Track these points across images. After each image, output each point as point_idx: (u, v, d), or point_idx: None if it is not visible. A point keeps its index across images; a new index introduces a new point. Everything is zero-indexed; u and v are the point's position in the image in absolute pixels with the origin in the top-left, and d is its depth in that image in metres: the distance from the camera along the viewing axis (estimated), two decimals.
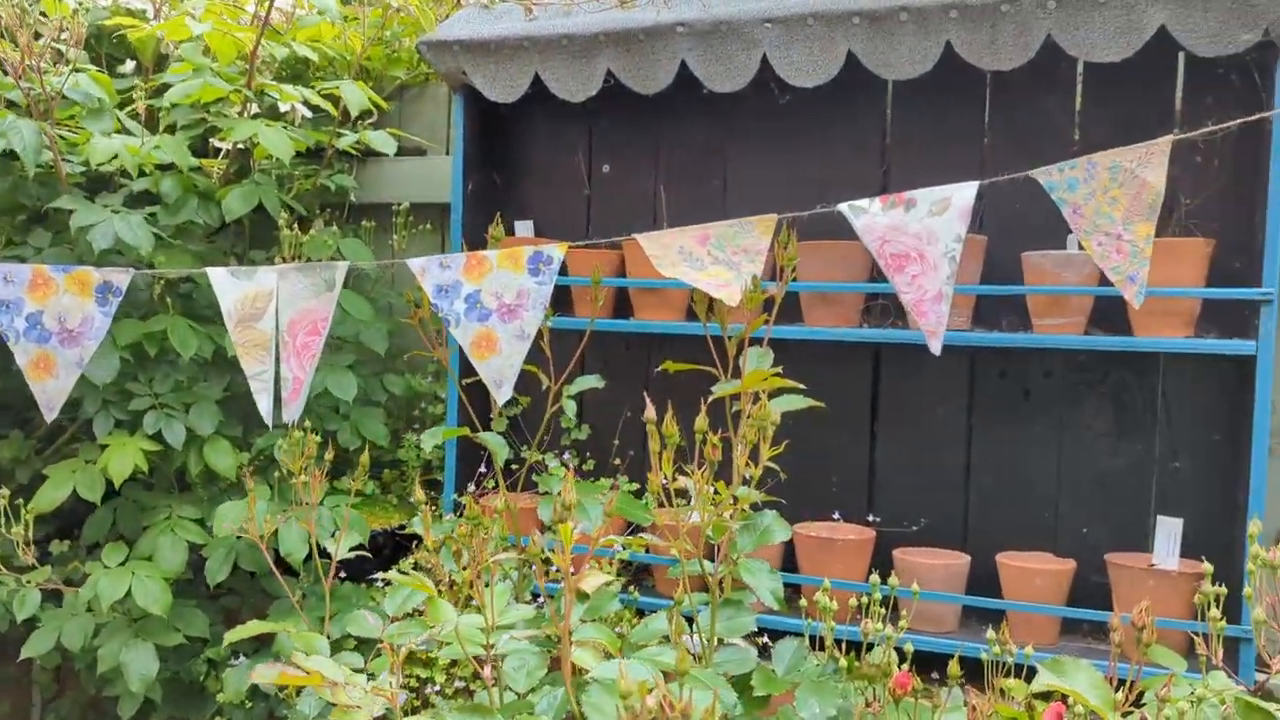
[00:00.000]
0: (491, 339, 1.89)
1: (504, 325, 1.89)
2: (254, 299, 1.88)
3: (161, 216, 2.44)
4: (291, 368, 1.90)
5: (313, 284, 1.91)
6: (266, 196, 2.48)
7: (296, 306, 1.91)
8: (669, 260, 1.88)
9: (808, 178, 2.45)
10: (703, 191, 2.58)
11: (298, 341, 1.90)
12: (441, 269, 1.90)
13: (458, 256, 1.90)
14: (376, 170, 3.04)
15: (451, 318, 1.89)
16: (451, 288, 1.90)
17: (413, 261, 1.90)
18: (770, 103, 2.49)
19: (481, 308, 1.89)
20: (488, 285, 1.89)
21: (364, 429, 2.67)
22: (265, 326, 1.88)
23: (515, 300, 1.89)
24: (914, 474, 2.38)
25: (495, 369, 1.89)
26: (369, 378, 2.76)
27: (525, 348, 1.89)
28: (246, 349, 1.88)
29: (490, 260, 1.90)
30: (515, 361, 1.89)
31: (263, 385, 1.88)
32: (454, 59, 2.51)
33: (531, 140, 2.77)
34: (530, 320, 1.88)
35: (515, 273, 1.89)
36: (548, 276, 1.89)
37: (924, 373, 2.35)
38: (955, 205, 1.88)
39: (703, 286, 1.79)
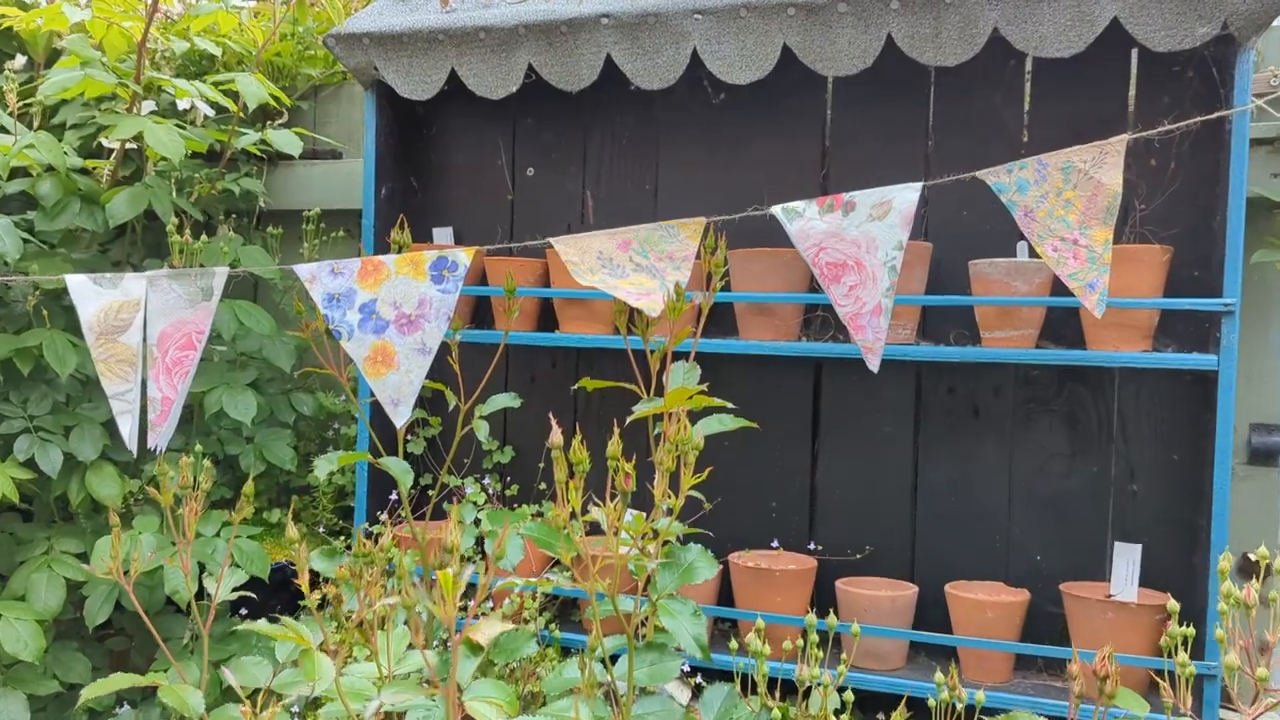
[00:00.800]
0: (388, 353, 1.70)
1: (403, 338, 1.70)
2: (118, 310, 1.68)
3: (39, 221, 2.23)
4: (160, 386, 1.69)
5: (187, 292, 1.71)
6: (157, 200, 2.27)
7: (168, 318, 1.71)
8: (587, 267, 1.71)
9: (743, 181, 2.30)
10: (633, 195, 2.41)
11: (168, 357, 1.70)
12: (333, 275, 1.72)
13: (351, 262, 1.72)
14: (288, 175, 2.84)
15: (344, 329, 1.70)
16: (344, 296, 1.71)
17: (301, 268, 1.71)
18: (704, 101, 2.34)
19: (378, 318, 1.70)
20: (385, 294, 1.71)
21: (269, 453, 2.46)
22: (130, 340, 1.68)
23: (416, 310, 1.70)
24: (858, 498, 2.23)
25: (392, 387, 1.70)
26: (275, 396, 2.56)
27: (427, 363, 1.71)
28: (108, 366, 1.67)
29: (388, 266, 1.72)
30: (415, 379, 1.71)
31: (126, 406, 1.68)
32: (364, 53, 2.32)
33: (450, 141, 2.59)
34: (432, 332, 1.70)
35: (416, 280, 1.71)
36: (453, 284, 1.71)
37: (868, 389, 2.20)
38: (897, 209, 1.73)
39: (621, 295, 1.62)
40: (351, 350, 1.70)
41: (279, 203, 2.84)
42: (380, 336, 1.70)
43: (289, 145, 2.37)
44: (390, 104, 2.45)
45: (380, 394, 1.71)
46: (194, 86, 2.30)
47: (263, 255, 2.44)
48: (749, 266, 2.13)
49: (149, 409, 1.70)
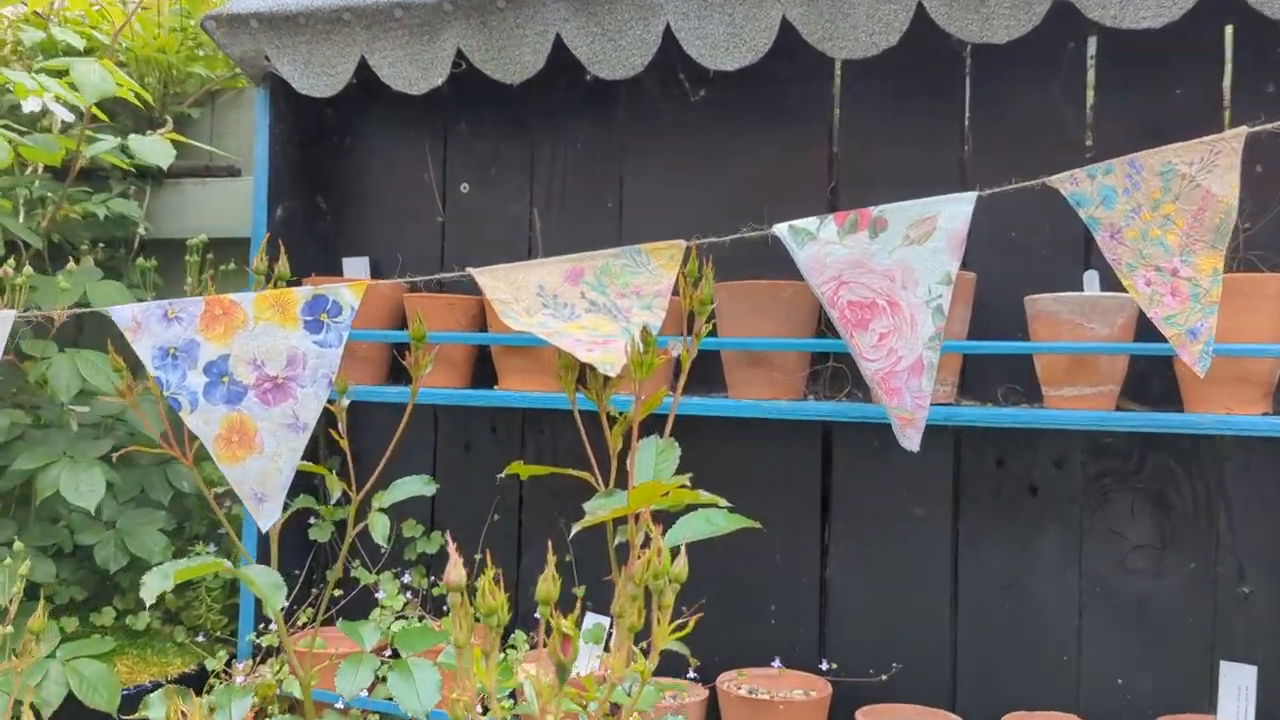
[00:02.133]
0: (247, 430, 1.21)
1: (266, 409, 1.21)
2: None
3: None
4: None
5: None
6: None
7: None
8: (522, 306, 1.23)
9: (729, 198, 1.83)
10: (591, 216, 1.94)
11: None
12: (166, 321, 1.22)
13: (191, 303, 1.23)
14: (176, 197, 2.35)
15: (184, 397, 1.21)
16: (183, 351, 1.22)
17: (121, 310, 1.22)
18: (679, 98, 1.87)
19: (232, 382, 1.21)
20: (241, 348, 1.22)
21: (134, 542, 1.94)
22: None
23: (285, 370, 1.21)
24: (881, 601, 1.75)
25: (254, 476, 1.21)
26: (148, 470, 2.04)
27: (301, 442, 1.21)
28: None
29: (244, 309, 1.23)
30: (286, 464, 1.21)
31: None
32: (251, 38, 1.84)
33: (367, 152, 2.10)
34: (307, 400, 1.21)
35: (285, 328, 1.22)
36: (335, 333, 1.22)
37: (892, 461, 1.73)
38: (943, 229, 1.27)
39: (566, 346, 1.15)
40: (196, 426, 1.21)
41: (165, 230, 2.34)
42: (235, 408, 1.21)
43: (156, 155, 1.88)
44: (290, 106, 1.97)
45: (239, 485, 1.21)
46: (31, 78, 1.80)
47: (122, 294, 1.93)
48: (739, 305, 1.65)
49: None
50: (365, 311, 1.45)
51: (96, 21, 2.19)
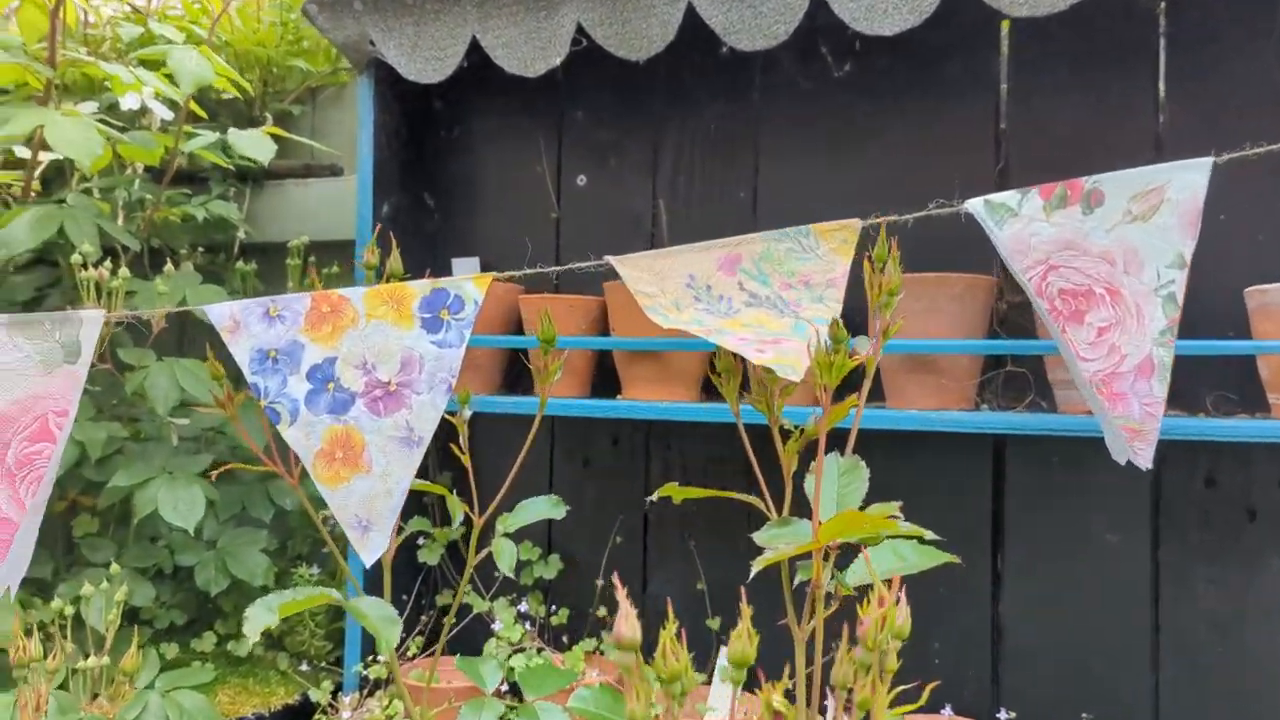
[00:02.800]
0: (354, 445, 1.05)
1: (377, 420, 1.05)
2: None
3: None
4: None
5: (40, 351, 1.08)
6: (74, 223, 1.66)
7: (9, 392, 1.07)
8: (670, 300, 1.05)
9: (878, 181, 1.63)
10: (723, 207, 1.76)
11: (10, 456, 1.07)
12: (267, 320, 1.08)
13: (296, 299, 1.08)
14: (277, 198, 2.24)
15: (283, 407, 1.06)
16: (285, 353, 1.07)
17: (213, 308, 1.07)
18: (821, 75, 1.68)
19: (338, 389, 1.06)
20: (350, 349, 1.06)
21: (235, 564, 1.82)
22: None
23: (399, 375, 1.06)
24: (1065, 638, 1.52)
25: (359, 500, 1.05)
26: (249, 485, 1.92)
27: (415, 460, 1.05)
28: None
29: (354, 305, 1.07)
30: (397, 485, 1.05)
31: None
32: (355, 22, 1.71)
33: (477, 145, 1.96)
34: (424, 410, 1.05)
35: (399, 326, 1.06)
36: (457, 332, 1.06)
37: (1077, 479, 1.50)
38: (1173, 200, 1.06)
39: (731, 345, 0.96)
40: (295, 441, 1.05)
41: (265, 233, 2.23)
42: (341, 419, 1.05)
43: (257, 149, 1.76)
44: (395, 96, 1.83)
45: (341, 511, 1.05)
46: (129, 71, 1.70)
47: (223, 299, 1.81)
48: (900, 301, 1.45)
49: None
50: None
51: (196, 16, 2.10)
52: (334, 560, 2.07)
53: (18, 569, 1.10)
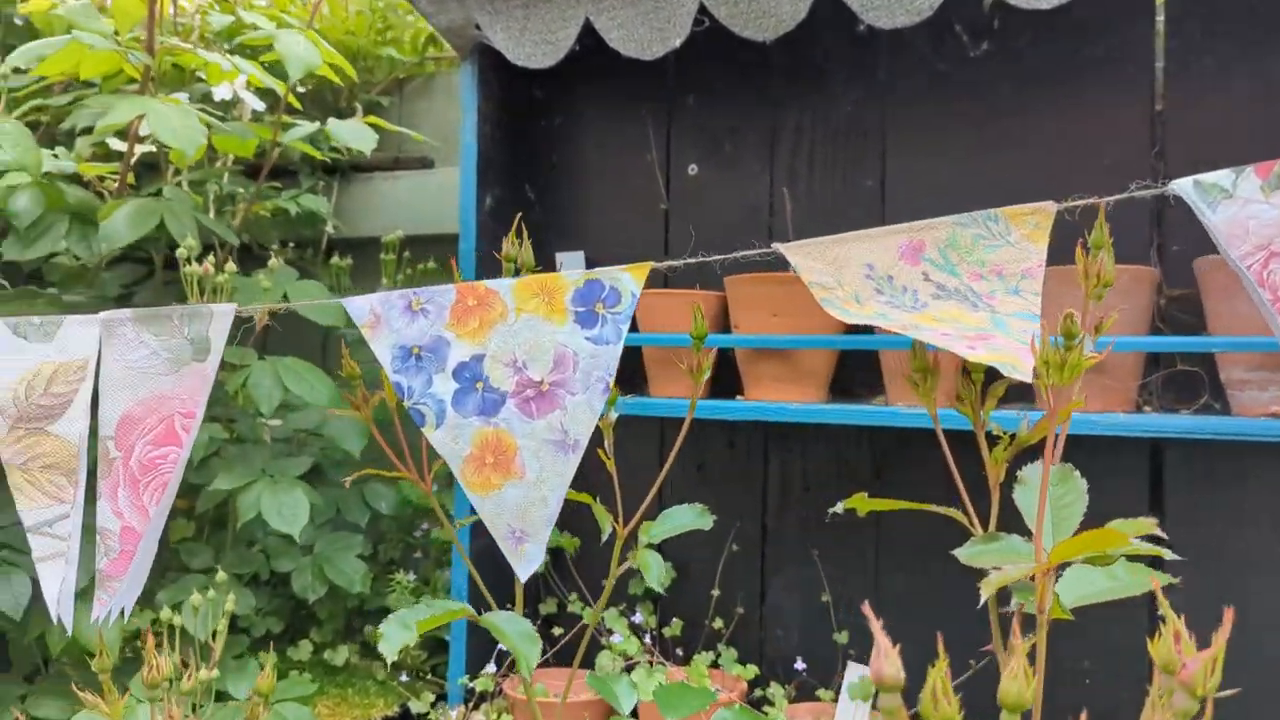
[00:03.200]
0: (506, 449, 0.97)
1: (529, 422, 0.97)
2: (50, 378, 0.98)
3: (9, 249, 1.58)
4: (118, 509, 0.99)
5: (168, 347, 1.01)
6: (173, 217, 1.60)
7: (136, 391, 1.00)
8: (849, 292, 0.96)
9: (1018, 168, 1.53)
10: (848, 197, 1.66)
11: (135, 459, 1.00)
12: (410, 314, 1.00)
13: (440, 292, 1.00)
14: (365, 191, 2.18)
15: (428, 408, 0.98)
16: (429, 350, 0.99)
17: (356, 301, 1.00)
18: (956, 55, 1.58)
19: (487, 389, 0.98)
20: (498, 345, 0.98)
21: (332, 569, 1.75)
22: (68, 431, 0.98)
23: (552, 373, 0.97)
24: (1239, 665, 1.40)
25: (512, 509, 0.97)
26: (343, 489, 1.86)
27: (571, 466, 0.97)
28: (28, 475, 0.97)
29: (502, 298, 0.99)
30: (552, 493, 0.97)
31: (55, 546, 0.97)
32: (460, 5, 1.64)
33: (580, 133, 1.88)
34: (580, 411, 0.97)
35: (551, 320, 0.98)
36: (614, 328, 0.98)
37: (1256, 490, 1.39)
38: None
39: (938, 341, 0.87)
40: (442, 445, 0.98)
41: (354, 228, 2.17)
42: (491, 421, 0.97)
43: (358, 140, 1.69)
44: (499, 83, 1.76)
45: (493, 522, 0.97)
46: (226, 59, 1.63)
47: (321, 293, 1.75)
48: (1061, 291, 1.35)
49: (99, 549, 1.00)
50: None
51: (284, 5, 2.04)
52: (428, 567, 2.00)
53: (139, 581, 1.03)
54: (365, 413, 1.06)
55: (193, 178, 1.87)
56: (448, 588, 1.95)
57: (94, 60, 1.61)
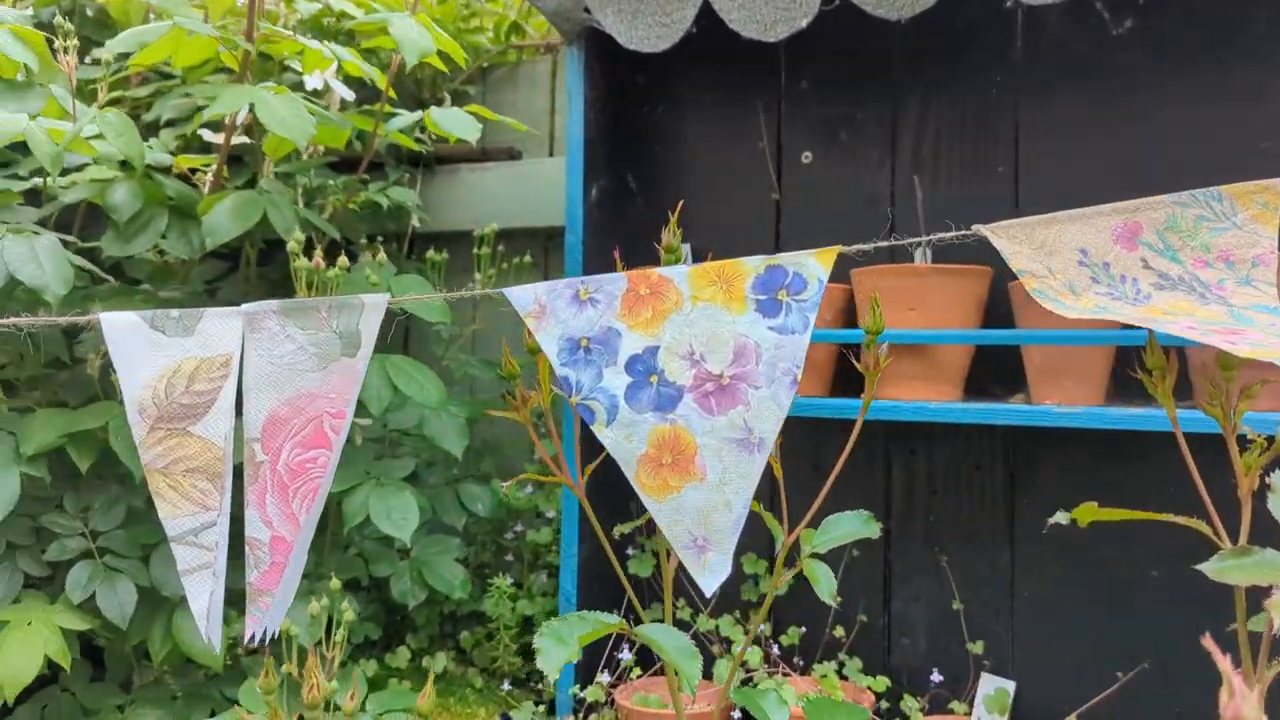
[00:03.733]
0: (683, 449, 0.90)
1: (708, 419, 0.90)
2: (192, 374, 0.92)
3: (109, 244, 1.52)
4: (267, 517, 0.92)
5: (316, 341, 0.94)
6: (276, 210, 1.55)
7: (282, 390, 0.94)
8: (1062, 283, 0.88)
9: (1163, 157, 1.45)
10: (976, 185, 1.58)
11: (284, 461, 0.93)
12: (576, 305, 0.93)
13: (610, 280, 0.93)
14: (449, 184, 2.12)
15: (599, 404, 0.91)
16: (599, 342, 0.92)
17: (516, 291, 0.93)
18: (1095, 31, 1.50)
19: (662, 383, 0.91)
20: (674, 337, 0.91)
21: (431, 574, 1.69)
22: (212, 432, 0.91)
23: (732, 366, 0.90)
24: None
25: (693, 514, 0.90)
26: (438, 490, 1.80)
27: (756, 467, 0.90)
28: (169, 479, 0.91)
29: (677, 287, 0.92)
30: (736, 496, 0.90)
31: (200, 557, 0.91)
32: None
33: (685, 121, 1.81)
34: (764, 406, 0.89)
35: (730, 310, 0.91)
36: (800, 317, 0.90)
37: None
38: None
39: (1194, 334, 0.79)
40: (614, 443, 0.90)
41: (438, 221, 2.11)
42: (667, 417, 0.90)
43: (463, 128, 1.63)
44: (604, 69, 1.69)
45: (671, 528, 0.90)
46: (326, 47, 1.58)
47: (423, 286, 1.69)
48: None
49: (248, 560, 0.94)
50: None
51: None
52: (522, 572, 1.93)
53: (289, 595, 0.97)
54: (524, 414, 0.99)
55: (282, 170, 1.81)
56: (544, 592, 1.89)
57: (190, 48, 1.55)
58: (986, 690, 1.50)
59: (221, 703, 1.60)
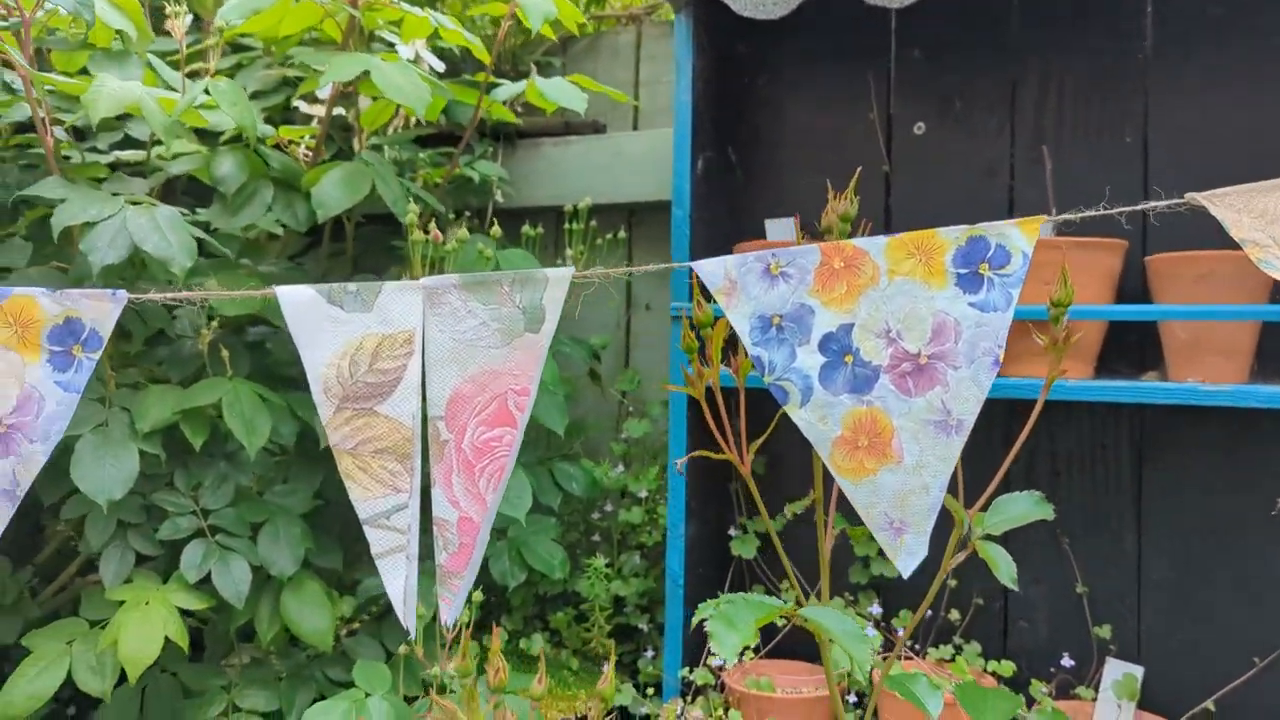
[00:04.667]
0: (880, 431, 0.87)
1: (905, 401, 0.86)
2: (375, 351, 0.89)
3: (216, 217, 1.49)
4: (454, 497, 0.89)
5: (498, 317, 0.91)
6: (383, 183, 1.51)
7: (465, 367, 0.91)
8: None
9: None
10: (1103, 152, 1.54)
11: (469, 440, 0.90)
12: (768, 280, 0.89)
13: (801, 253, 0.89)
14: (531, 158, 2.07)
15: (792, 385, 0.87)
16: (792, 319, 0.89)
17: (708, 265, 0.89)
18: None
19: (857, 363, 0.87)
20: (870, 313, 0.87)
21: (531, 554, 1.66)
22: (399, 410, 0.88)
23: (930, 345, 0.87)
24: None
25: (889, 497, 0.87)
26: (533, 469, 1.77)
27: (955, 449, 0.86)
28: (360, 460, 0.88)
29: (873, 260, 0.88)
30: (934, 479, 0.87)
31: (394, 540, 0.88)
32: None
33: (787, 92, 1.76)
34: (964, 388, 0.86)
35: (929, 285, 0.87)
36: (1002, 293, 0.87)
37: None
38: None
39: None
40: (808, 425, 0.87)
41: (520, 196, 2.07)
42: (864, 399, 0.87)
43: (570, 99, 1.58)
44: (710, 39, 1.64)
45: (868, 510, 0.87)
46: (432, 17, 1.53)
47: (528, 260, 1.65)
48: None
49: (437, 542, 0.91)
50: None
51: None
52: (611, 552, 1.91)
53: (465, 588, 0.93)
54: (699, 388, 0.96)
55: (375, 143, 1.77)
56: (635, 573, 1.86)
57: (296, 15, 1.51)
58: (1114, 675, 1.47)
59: (325, 684, 1.58)
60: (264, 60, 1.84)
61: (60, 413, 0.88)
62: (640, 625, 1.82)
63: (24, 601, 1.58)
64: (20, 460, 0.87)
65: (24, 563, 1.66)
